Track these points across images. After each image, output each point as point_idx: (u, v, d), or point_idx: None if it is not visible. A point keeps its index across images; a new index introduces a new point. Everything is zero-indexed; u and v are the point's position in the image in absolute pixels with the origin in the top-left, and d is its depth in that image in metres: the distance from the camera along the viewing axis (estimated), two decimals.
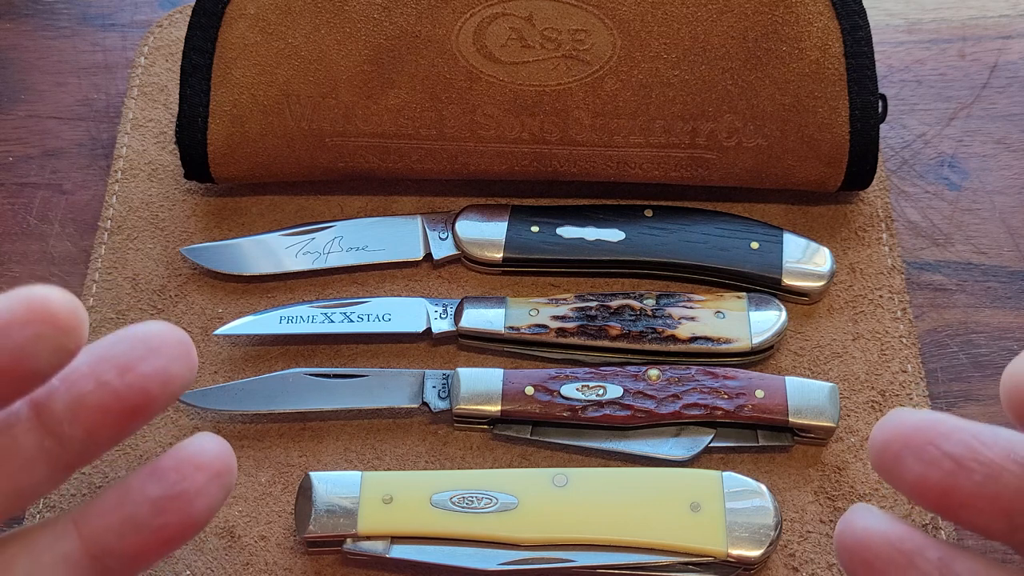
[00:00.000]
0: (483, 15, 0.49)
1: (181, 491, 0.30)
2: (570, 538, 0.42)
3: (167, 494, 0.30)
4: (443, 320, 0.48)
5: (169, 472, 0.30)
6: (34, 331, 0.27)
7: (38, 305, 0.27)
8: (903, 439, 0.29)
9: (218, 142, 0.50)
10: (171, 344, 0.30)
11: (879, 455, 0.30)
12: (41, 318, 0.27)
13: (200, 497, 0.30)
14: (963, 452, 0.28)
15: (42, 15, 0.61)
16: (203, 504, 0.30)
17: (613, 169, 0.50)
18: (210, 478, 0.30)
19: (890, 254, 0.51)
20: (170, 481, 0.30)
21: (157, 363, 0.29)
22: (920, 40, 0.59)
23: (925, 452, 0.29)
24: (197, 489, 0.30)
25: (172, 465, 0.30)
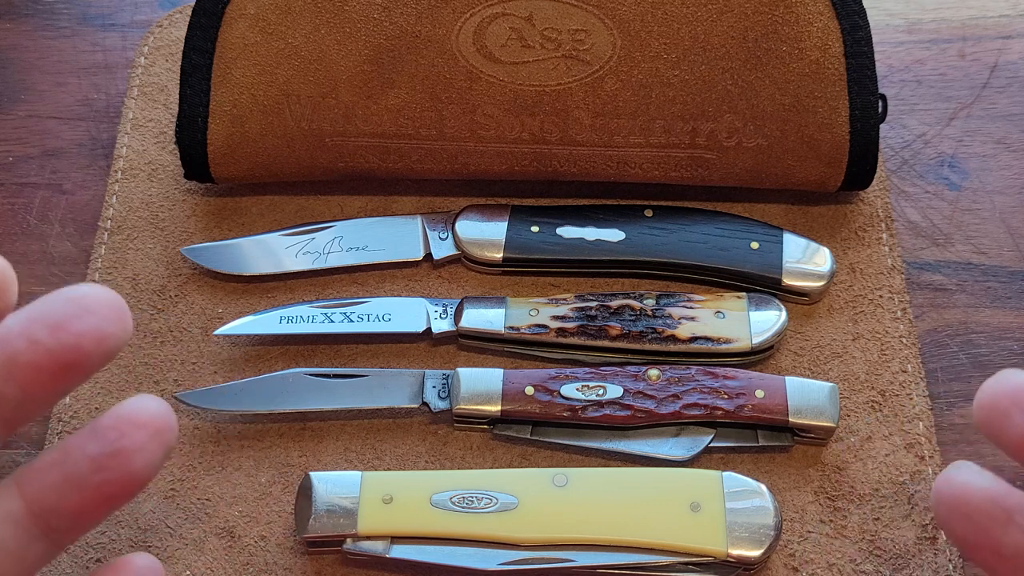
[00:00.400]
0: (483, 15, 0.49)
1: (120, 448, 0.30)
2: (570, 538, 0.42)
3: (106, 451, 0.30)
4: (443, 320, 0.48)
5: (108, 430, 0.30)
6: None
7: None
8: (1013, 396, 0.30)
9: (218, 142, 0.50)
10: (104, 304, 0.30)
11: (987, 410, 0.30)
12: None
13: (139, 454, 0.30)
14: None
15: (42, 15, 0.61)
16: (142, 461, 0.30)
17: (613, 169, 0.50)
18: (150, 436, 0.30)
19: (890, 254, 0.51)
20: (109, 439, 0.30)
21: (90, 321, 0.29)
22: (920, 40, 0.59)
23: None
24: (136, 446, 0.30)
25: (111, 424, 0.31)
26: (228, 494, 0.45)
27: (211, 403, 0.46)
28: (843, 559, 0.43)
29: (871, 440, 0.46)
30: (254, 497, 0.45)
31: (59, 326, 0.29)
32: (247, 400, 0.46)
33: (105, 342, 0.30)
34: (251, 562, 0.44)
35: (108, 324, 0.30)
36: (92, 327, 0.29)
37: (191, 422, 0.47)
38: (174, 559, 0.44)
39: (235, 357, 0.49)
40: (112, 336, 0.30)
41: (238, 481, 0.45)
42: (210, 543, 0.44)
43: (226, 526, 0.44)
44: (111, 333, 0.30)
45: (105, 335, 0.30)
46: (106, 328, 0.30)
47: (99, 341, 0.29)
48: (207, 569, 0.43)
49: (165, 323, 0.50)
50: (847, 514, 0.44)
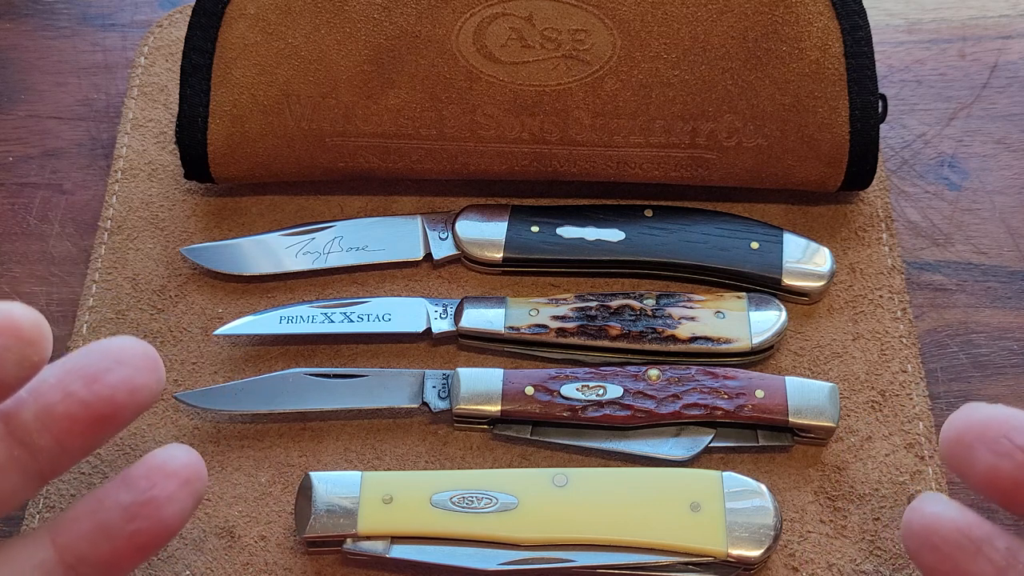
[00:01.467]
0: (483, 15, 0.49)
1: (151, 498, 0.31)
2: (570, 538, 0.42)
3: (138, 500, 0.31)
4: (443, 320, 0.48)
5: (140, 480, 0.31)
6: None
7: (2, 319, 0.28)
8: (977, 431, 0.30)
9: (218, 142, 0.50)
10: (137, 356, 0.31)
11: (952, 446, 0.30)
12: (5, 331, 0.28)
13: (170, 503, 0.31)
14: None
15: (42, 15, 0.61)
16: (173, 510, 0.31)
17: (613, 169, 0.50)
18: (180, 485, 0.31)
19: (890, 254, 0.51)
20: (140, 488, 0.31)
21: (123, 373, 0.30)
22: (920, 40, 0.59)
23: (998, 444, 0.29)
24: (167, 496, 0.31)
25: (142, 473, 0.31)
26: (228, 494, 0.45)
27: (211, 403, 0.46)
28: (843, 559, 0.43)
29: (871, 440, 0.46)
30: (254, 497, 0.45)
31: (93, 378, 0.30)
32: (247, 400, 0.46)
33: (138, 393, 0.31)
34: (251, 562, 0.44)
35: (141, 375, 0.31)
36: (125, 379, 0.30)
37: (191, 422, 0.47)
38: (174, 559, 0.44)
39: (235, 357, 0.49)
40: (145, 387, 0.31)
41: (238, 481, 0.45)
42: (210, 543, 0.44)
43: (226, 526, 0.44)
44: (144, 384, 0.31)
45: (138, 386, 0.31)
46: (139, 379, 0.31)
47: (132, 392, 0.30)
48: (207, 569, 0.43)
49: (165, 323, 0.50)
50: (847, 514, 0.44)
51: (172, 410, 0.47)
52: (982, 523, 0.31)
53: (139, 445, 0.46)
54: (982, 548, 0.30)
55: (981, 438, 0.30)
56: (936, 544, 0.31)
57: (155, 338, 0.49)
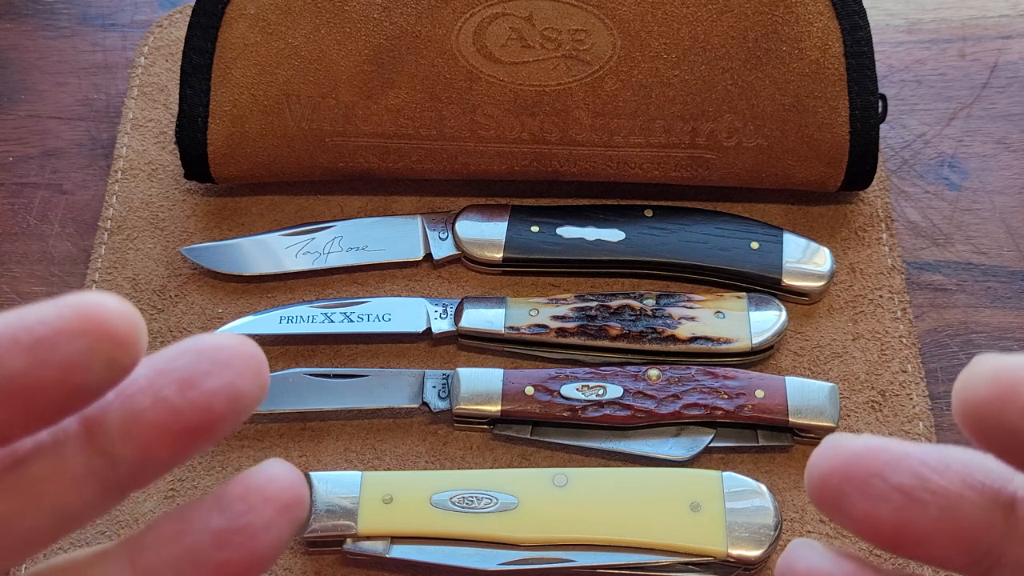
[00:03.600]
0: (483, 15, 0.49)
1: (246, 524, 0.27)
2: (570, 538, 0.42)
3: (231, 527, 0.27)
4: (443, 320, 0.48)
5: (235, 502, 0.27)
6: (87, 343, 0.24)
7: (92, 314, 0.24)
8: (843, 472, 0.26)
9: (218, 142, 0.50)
10: (241, 357, 0.27)
11: (818, 491, 0.26)
12: (95, 329, 0.24)
13: (266, 532, 0.27)
14: (913, 482, 0.25)
15: (42, 15, 0.61)
16: (269, 539, 0.27)
17: (613, 169, 0.50)
18: (278, 511, 0.27)
19: (890, 254, 0.51)
20: (235, 512, 0.27)
21: (224, 378, 0.26)
22: (920, 40, 0.59)
23: (870, 486, 0.25)
24: (264, 523, 0.27)
25: (239, 493, 0.27)
26: None
27: None
28: None
29: None
30: None
31: (190, 383, 0.26)
32: None
33: (239, 402, 0.26)
34: None
35: (244, 381, 0.26)
36: (226, 385, 0.26)
37: None
38: None
39: None
40: (247, 395, 0.27)
41: None
42: None
43: None
44: (246, 392, 0.26)
45: (239, 394, 0.26)
46: (241, 386, 0.26)
47: (232, 400, 0.26)
48: None
49: (165, 323, 0.50)
50: None
51: None
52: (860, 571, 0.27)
53: None
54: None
55: (848, 480, 0.25)
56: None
57: (155, 338, 0.49)
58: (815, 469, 0.26)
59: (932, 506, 0.25)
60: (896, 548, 0.26)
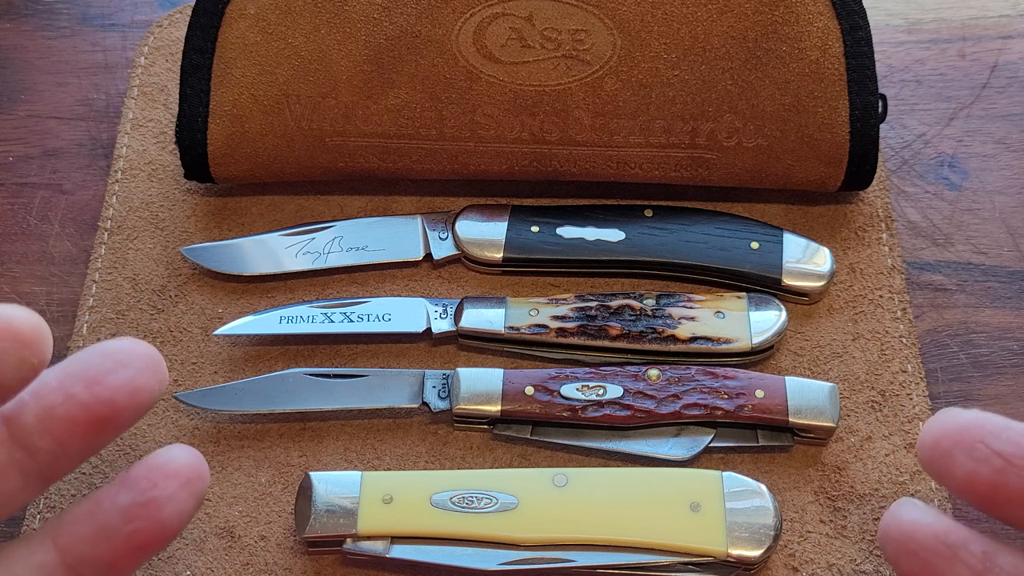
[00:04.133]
0: (483, 15, 0.49)
1: (150, 498, 0.31)
2: (570, 538, 0.42)
3: (137, 501, 0.31)
4: (443, 320, 0.48)
5: (139, 480, 0.31)
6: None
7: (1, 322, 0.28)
8: (954, 437, 0.30)
9: (218, 142, 0.50)
10: (139, 357, 0.31)
11: (930, 452, 0.31)
12: (3, 334, 0.28)
13: (170, 504, 0.31)
14: (1012, 450, 0.29)
15: (42, 15, 0.61)
16: (173, 510, 0.31)
17: (613, 169, 0.50)
18: (180, 485, 0.31)
19: (890, 254, 0.51)
20: (140, 489, 0.31)
21: (125, 375, 0.30)
22: (920, 40, 0.59)
23: (975, 450, 0.30)
24: (167, 496, 0.31)
25: (142, 474, 0.31)
26: (228, 494, 0.45)
27: (211, 403, 0.46)
28: (843, 559, 0.43)
29: (871, 440, 0.46)
30: (254, 497, 0.45)
31: (95, 380, 0.30)
32: (247, 400, 0.46)
33: (140, 395, 0.31)
34: (251, 562, 0.44)
35: (143, 377, 0.31)
36: (127, 381, 0.30)
37: (191, 422, 0.47)
38: (174, 559, 0.44)
39: (235, 357, 0.49)
40: (147, 389, 0.31)
41: (238, 481, 0.45)
42: (210, 543, 0.44)
43: (226, 526, 0.44)
44: (146, 386, 0.31)
45: (140, 388, 0.30)
46: (141, 381, 0.30)
47: (134, 394, 0.30)
48: (207, 569, 0.43)
49: (165, 323, 0.50)
50: (847, 514, 0.44)
51: (172, 410, 0.47)
52: (958, 528, 0.31)
53: (139, 445, 0.47)
54: (959, 553, 0.30)
55: (958, 444, 0.30)
56: (914, 550, 0.31)
57: (155, 338, 0.49)
58: (929, 434, 0.31)
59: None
60: (990, 507, 0.30)
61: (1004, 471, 0.29)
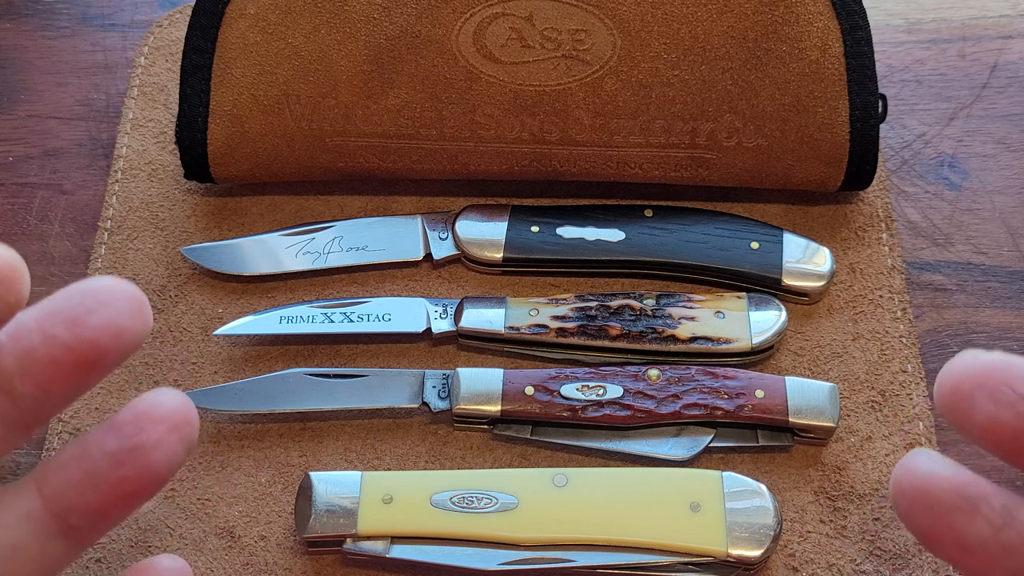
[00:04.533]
0: (483, 15, 0.49)
1: (138, 443, 0.29)
2: (570, 538, 0.42)
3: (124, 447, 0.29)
4: (443, 320, 0.48)
5: (126, 425, 0.30)
6: None
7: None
8: (977, 379, 0.28)
9: (218, 142, 0.50)
10: (122, 297, 0.29)
11: (949, 394, 0.29)
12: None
13: (158, 449, 0.30)
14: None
15: (42, 15, 0.61)
16: (162, 456, 0.30)
17: (613, 169, 0.50)
18: (168, 430, 0.30)
19: (890, 254, 0.51)
20: (127, 434, 0.29)
21: (107, 315, 0.29)
22: (920, 40, 0.59)
23: (1000, 393, 0.28)
24: (155, 441, 0.29)
25: (129, 419, 0.30)
26: (228, 494, 0.45)
27: (211, 403, 0.46)
28: (843, 559, 0.43)
29: (871, 440, 0.46)
30: (254, 497, 0.45)
31: (76, 320, 0.28)
32: (247, 400, 0.46)
33: (123, 336, 0.29)
34: (251, 562, 0.44)
35: (126, 317, 0.29)
36: (109, 320, 0.29)
37: None
38: None
39: (235, 357, 0.49)
40: (130, 330, 0.29)
41: (238, 481, 0.45)
42: (210, 543, 0.44)
43: (226, 526, 0.44)
44: (129, 326, 0.29)
45: (123, 328, 0.29)
46: (124, 322, 0.29)
47: (117, 335, 0.29)
48: (207, 569, 0.43)
49: (165, 323, 0.50)
50: (847, 514, 0.44)
51: None
52: (977, 481, 0.29)
53: None
54: (978, 507, 0.28)
55: (981, 386, 0.28)
56: (929, 505, 0.29)
57: (155, 338, 0.49)
58: (950, 374, 0.29)
59: None
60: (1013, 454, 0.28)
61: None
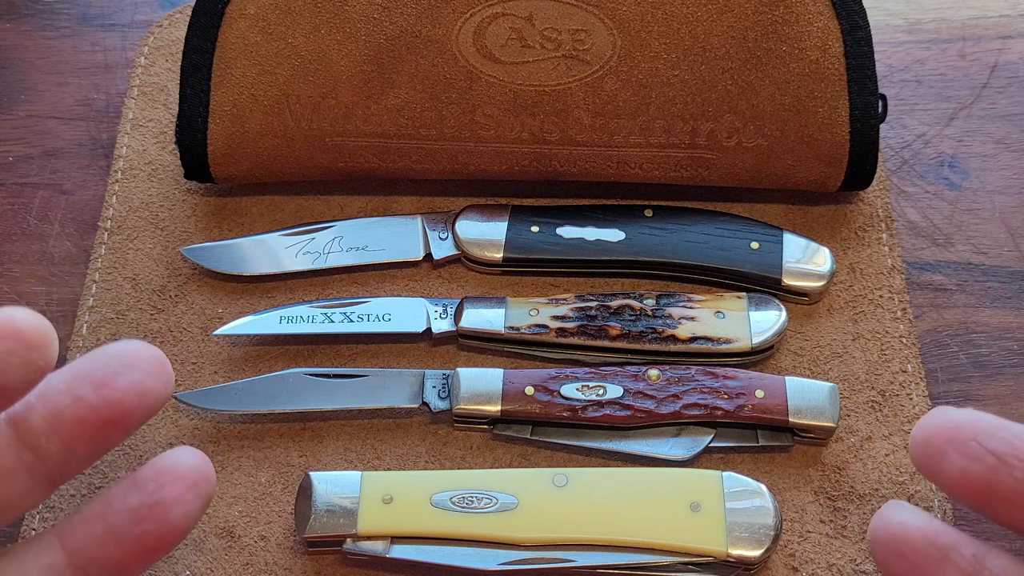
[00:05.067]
0: (483, 15, 0.49)
1: (159, 500, 0.31)
2: (570, 538, 0.42)
3: (145, 503, 0.31)
4: (443, 320, 0.48)
5: (148, 482, 0.31)
6: (3, 348, 0.28)
7: (5, 324, 0.28)
8: (946, 434, 0.30)
9: (218, 142, 0.50)
10: (146, 360, 0.31)
11: (922, 449, 0.31)
12: (9, 335, 0.28)
13: (178, 506, 0.31)
14: (1005, 449, 0.29)
15: (42, 15, 0.61)
16: (181, 512, 0.31)
17: (613, 169, 0.50)
18: (187, 487, 0.32)
19: (890, 254, 0.51)
20: (148, 491, 0.31)
21: (132, 377, 0.30)
22: (920, 40, 0.59)
23: (968, 448, 0.29)
24: (175, 498, 0.31)
25: (151, 475, 0.32)
26: (228, 494, 0.45)
27: (211, 403, 0.46)
28: (843, 559, 0.43)
29: (871, 440, 0.46)
30: (254, 497, 0.45)
31: (102, 383, 0.30)
32: (247, 400, 0.46)
33: (147, 397, 0.31)
34: (251, 562, 0.44)
35: (150, 380, 0.31)
36: (134, 383, 0.30)
37: (191, 422, 0.47)
38: (174, 559, 0.44)
39: (235, 357, 0.49)
40: (154, 391, 0.31)
41: (238, 481, 0.45)
42: (210, 543, 0.44)
43: (226, 526, 0.44)
44: (152, 388, 0.31)
45: (147, 391, 0.31)
46: (148, 384, 0.31)
47: (141, 396, 0.30)
48: (207, 569, 0.43)
49: (165, 323, 0.50)
50: (847, 514, 0.44)
51: (172, 410, 0.47)
52: (948, 530, 0.31)
53: (139, 445, 0.47)
54: (949, 555, 0.30)
55: (951, 442, 0.30)
56: (903, 553, 0.31)
57: (155, 338, 0.49)
58: (921, 431, 0.31)
59: (1018, 470, 0.29)
60: (982, 506, 0.30)
61: (997, 469, 0.29)
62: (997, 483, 0.29)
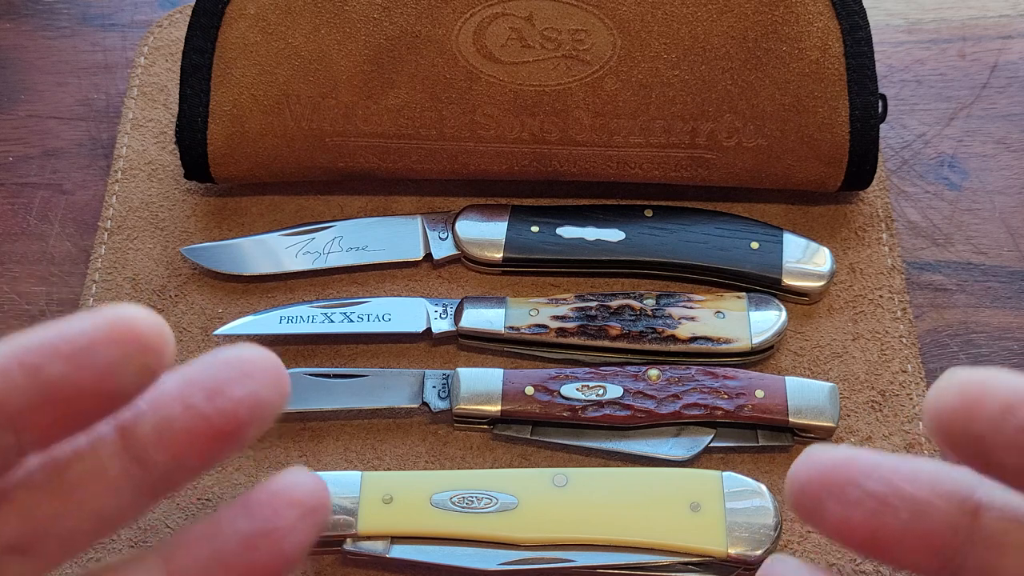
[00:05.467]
0: (483, 15, 0.49)
1: (272, 528, 0.29)
2: (570, 538, 0.41)
3: (258, 530, 0.29)
4: (443, 320, 0.48)
5: (261, 507, 0.29)
6: (120, 351, 0.26)
7: (124, 325, 0.27)
8: (821, 480, 0.27)
9: (218, 142, 0.50)
10: (263, 368, 0.29)
11: (797, 498, 0.28)
12: (127, 338, 0.26)
13: (292, 534, 0.29)
14: (886, 490, 0.27)
15: (42, 15, 0.61)
16: (294, 541, 0.29)
17: (613, 169, 0.50)
18: (302, 515, 0.29)
19: (890, 254, 0.51)
20: (262, 517, 0.29)
21: (248, 387, 0.28)
22: (920, 40, 0.59)
23: (846, 493, 0.27)
24: (289, 526, 0.29)
25: (265, 500, 0.29)
26: (228, 494, 0.45)
27: None
28: (843, 559, 0.43)
29: (871, 440, 0.46)
30: None
31: (217, 391, 0.28)
32: None
33: (261, 409, 0.28)
34: None
35: (266, 390, 0.29)
36: (250, 393, 0.28)
37: None
38: None
39: None
40: (269, 403, 0.29)
41: (238, 481, 0.45)
42: None
43: None
44: (268, 400, 0.29)
45: (262, 401, 0.28)
46: (264, 394, 0.28)
47: (256, 408, 0.28)
48: None
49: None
50: None
51: None
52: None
53: None
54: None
55: (827, 488, 0.27)
56: None
57: None
58: (795, 479, 0.28)
59: (903, 511, 0.26)
60: (871, 552, 0.27)
61: (879, 513, 0.26)
62: (882, 528, 0.26)
